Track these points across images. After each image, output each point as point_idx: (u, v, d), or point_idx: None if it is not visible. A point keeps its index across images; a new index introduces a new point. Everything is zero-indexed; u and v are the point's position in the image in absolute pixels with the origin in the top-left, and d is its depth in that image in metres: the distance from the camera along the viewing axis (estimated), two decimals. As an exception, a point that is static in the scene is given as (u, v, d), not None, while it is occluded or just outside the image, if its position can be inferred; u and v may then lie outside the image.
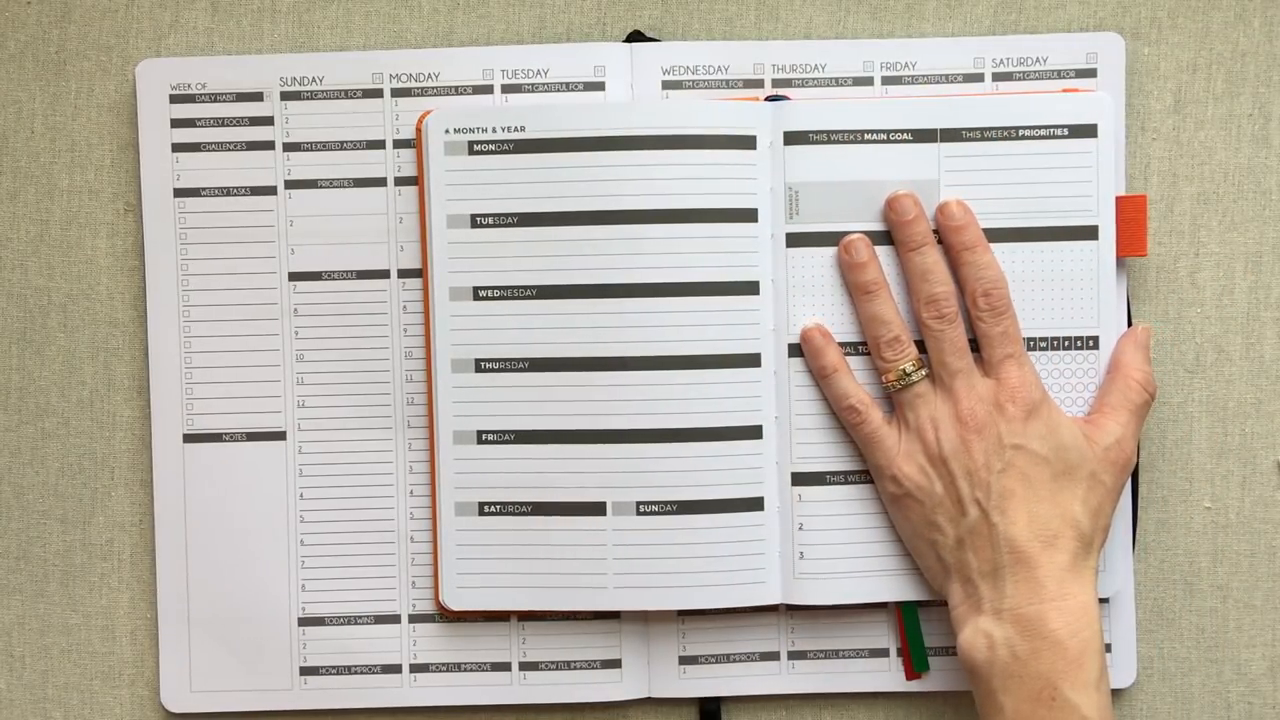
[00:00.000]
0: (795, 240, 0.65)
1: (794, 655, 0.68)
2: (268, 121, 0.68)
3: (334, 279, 0.68)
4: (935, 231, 0.65)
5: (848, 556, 0.66)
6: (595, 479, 0.65)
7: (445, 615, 0.68)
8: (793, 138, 0.65)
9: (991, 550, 0.62)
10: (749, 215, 0.65)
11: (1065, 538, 0.62)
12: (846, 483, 0.66)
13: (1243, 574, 0.68)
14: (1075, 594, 0.61)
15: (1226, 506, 0.68)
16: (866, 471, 0.66)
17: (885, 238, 0.65)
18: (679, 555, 0.65)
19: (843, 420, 0.65)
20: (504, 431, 0.66)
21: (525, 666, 0.68)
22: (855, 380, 0.65)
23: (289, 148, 0.68)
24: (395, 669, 0.68)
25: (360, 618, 0.68)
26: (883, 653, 0.68)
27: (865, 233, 0.65)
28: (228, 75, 0.68)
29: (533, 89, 0.67)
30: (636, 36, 0.68)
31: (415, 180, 0.67)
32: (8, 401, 0.69)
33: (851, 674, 0.68)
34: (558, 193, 0.65)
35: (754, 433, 0.65)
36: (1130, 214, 0.66)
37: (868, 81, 0.67)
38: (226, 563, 0.68)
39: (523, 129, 0.65)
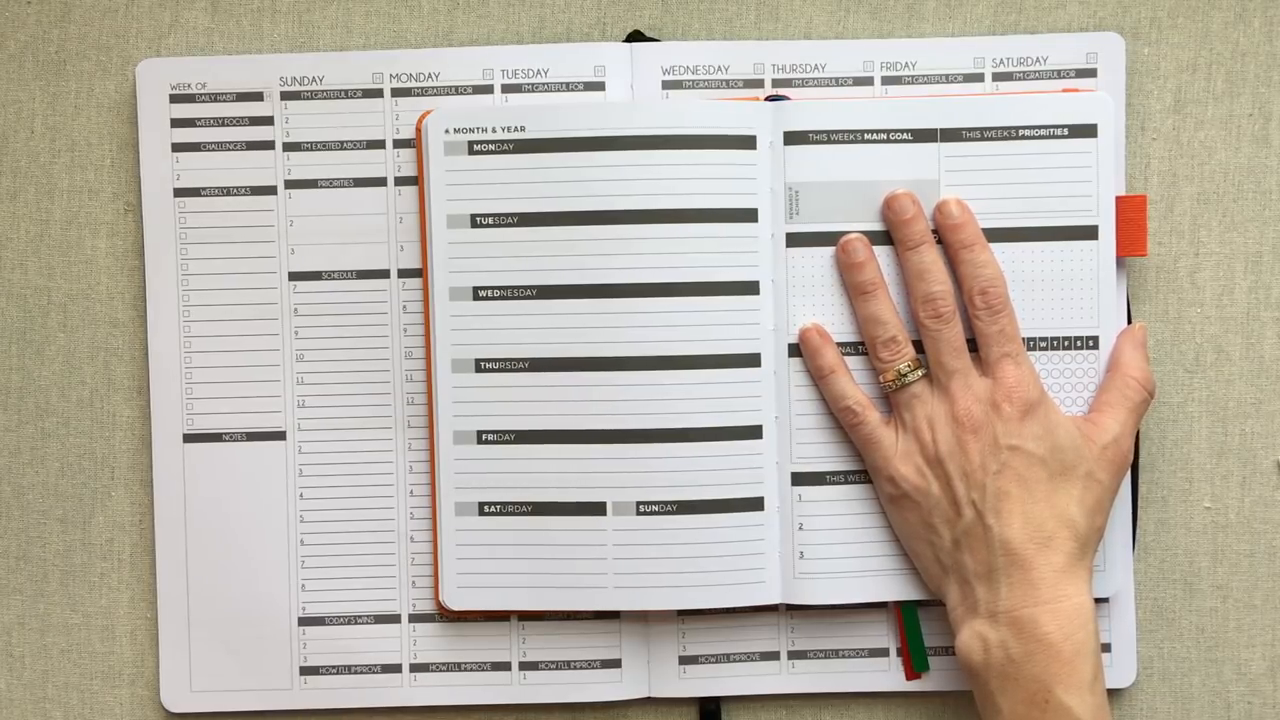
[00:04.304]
0: (795, 240, 0.65)
1: (794, 655, 0.68)
2: (268, 121, 0.68)
3: (334, 279, 0.68)
4: (935, 231, 0.65)
5: (847, 556, 0.66)
6: (595, 479, 0.65)
7: (445, 615, 0.68)
8: (793, 138, 0.65)
9: (987, 552, 0.62)
10: (749, 215, 0.65)
11: (1061, 539, 0.62)
12: (846, 482, 0.66)
13: (1243, 574, 0.68)
14: (1070, 595, 0.61)
15: (1226, 506, 0.68)
16: (866, 471, 0.66)
17: (885, 238, 0.65)
18: (679, 555, 0.65)
19: (840, 421, 0.65)
20: (504, 431, 0.66)
21: (525, 666, 0.68)
22: (853, 381, 0.65)
23: (289, 148, 0.68)
24: (395, 669, 0.68)
25: (360, 618, 0.68)
26: (883, 653, 0.68)
27: (865, 232, 0.65)
28: (228, 75, 0.68)
29: (533, 89, 0.67)
30: (636, 36, 0.68)
31: (415, 180, 0.67)
32: (8, 401, 0.69)
33: (851, 674, 0.68)
34: (558, 193, 0.65)
35: (754, 433, 0.65)
36: (1130, 214, 0.66)
37: (868, 81, 0.67)
38: (226, 563, 0.68)
39: (523, 129, 0.65)
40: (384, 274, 0.68)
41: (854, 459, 0.66)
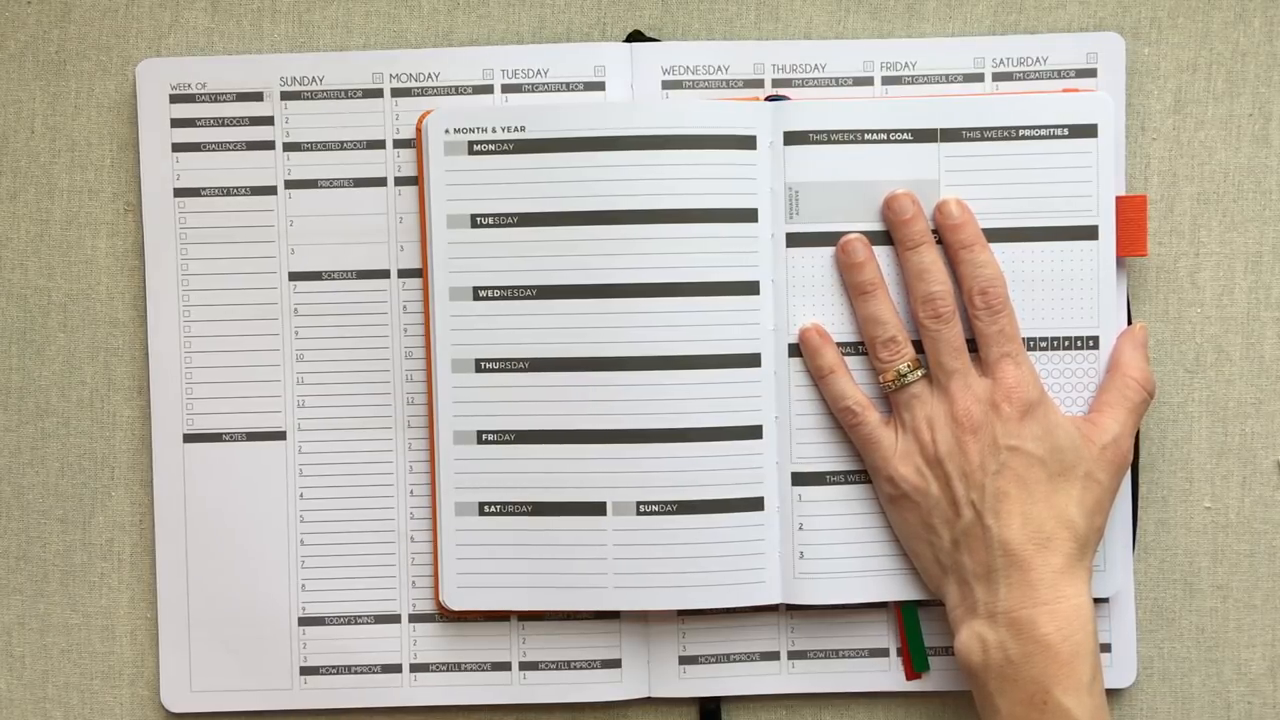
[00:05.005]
0: (795, 240, 0.65)
1: (794, 655, 0.68)
2: (268, 121, 0.68)
3: (334, 279, 0.68)
4: (935, 231, 0.65)
5: (848, 556, 0.66)
6: (595, 479, 0.65)
7: (445, 615, 0.68)
8: (793, 138, 0.65)
9: (986, 552, 0.62)
10: (749, 215, 0.65)
11: (1059, 539, 0.62)
12: (846, 483, 0.66)
13: (1243, 574, 0.68)
14: (1069, 596, 0.61)
15: (1226, 506, 0.68)
16: (866, 471, 0.66)
17: (885, 238, 0.65)
18: (679, 555, 0.65)
19: (840, 421, 0.65)
20: (504, 431, 0.66)
21: (525, 666, 0.68)
22: (853, 381, 0.65)
23: (289, 148, 0.68)
24: (395, 669, 0.68)
25: (360, 618, 0.68)
26: (883, 653, 0.68)
27: (865, 232, 0.65)
28: (228, 75, 0.68)
29: (533, 89, 0.67)
30: (636, 36, 0.68)
31: (415, 180, 0.67)
32: (8, 401, 0.69)
33: (851, 674, 0.68)
34: (558, 193, 0.65)
35: (754, 433, 0.65)
36: (1130, 214, 0.66)
37: (868, 81, 0.67)
38: (226, 563, 0.68)
39: (523, 129, 0.65)
40: (384, 274, 0.68)
41: (854, 459, 0.66)
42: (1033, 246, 0.65)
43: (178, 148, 0.68)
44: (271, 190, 0.68)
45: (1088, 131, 0.65)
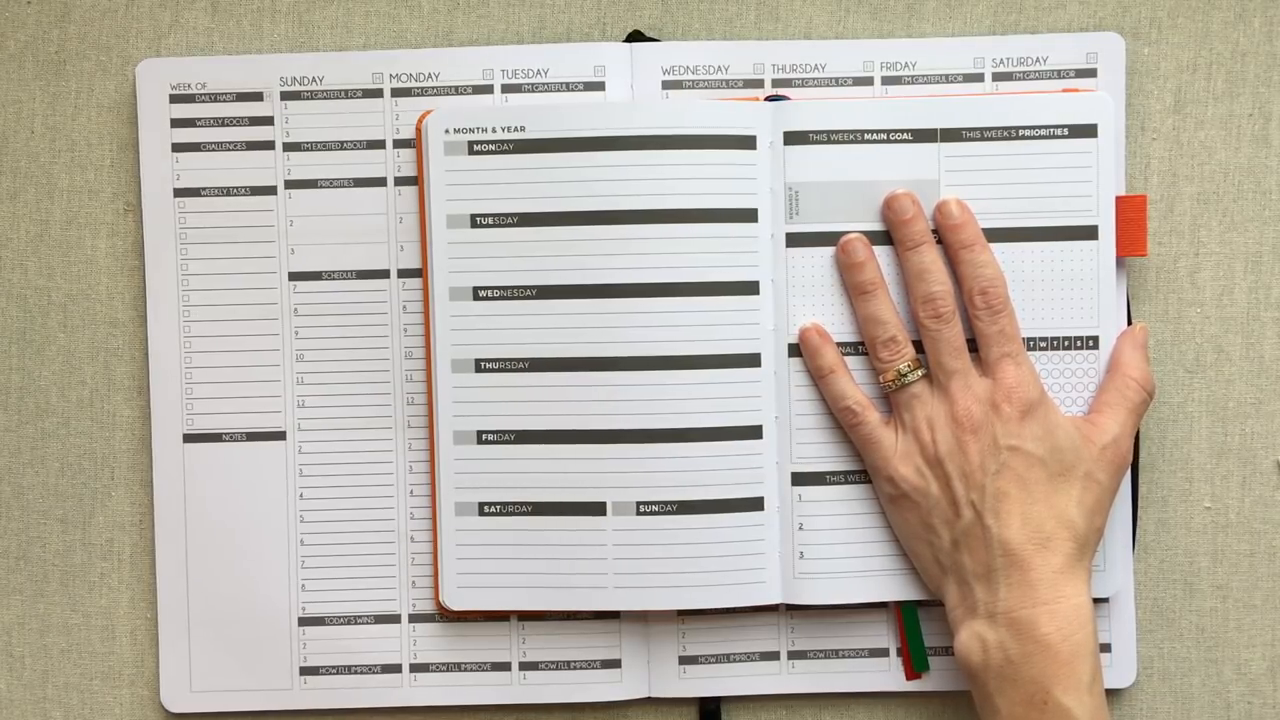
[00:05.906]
0: (795, 240, 0.65)
1: (794, 655, 0.68)
2: (268, 121, 0.68)
3: (334, 279, 0.68)
4: (935, 231, 0.65)
5: (848, 556, 0.66)
6: (595, 479, 0.65)
7: (445, 615, 0.68)
8: (793, 138, 0.65)
9: (986, 553, 0.62)
10: (749, 215, 0.65)
11: (1059, 539, 0.62)
12: (846, 482, 0.66)
13: (1243, 574, 0.68)
14: (1069, 596, 0.61)
15: (1226, 506, 0.68)
16: (866, 471, 0.66)
17: (885, 238, 0.65)
18: (679, 555, 0.65)
19: (840, 421, 0.65)
20: (504, 431, 0.66)
21: (525, 666, 0.68)
22: (853, 381, 0.65)
23: (289, 148, 0.68)
24: (395, 669, 0.68)
25: (360, 618, 0.68)
26: (883, 653, 0.68)
27: (865, 232, 0.65)
28: (228, 75, 0.68)
29: (533, 89, 0.67)
30: (636, 36, 0.68)
31: (415, 180, 0.67)
32: (8, 401, 0.69)
33: (851, 674, 0.68)
34: (558, 193, 0.65)
35: (754, 433, 0.65)
36: (1130, 214, 0.66)
37: (868, 81, 0.67)
38: (226, 563, 0.68)
39: (523, 129, 0.65)
40: (384, 274, 0.68)
41: (854, 459, 0.66)
42: (1033, 246, 0.65)
43: (178, 148, 0.68)
44: (271, 190, 0.68)
45: (1088, 131, 0.65)
